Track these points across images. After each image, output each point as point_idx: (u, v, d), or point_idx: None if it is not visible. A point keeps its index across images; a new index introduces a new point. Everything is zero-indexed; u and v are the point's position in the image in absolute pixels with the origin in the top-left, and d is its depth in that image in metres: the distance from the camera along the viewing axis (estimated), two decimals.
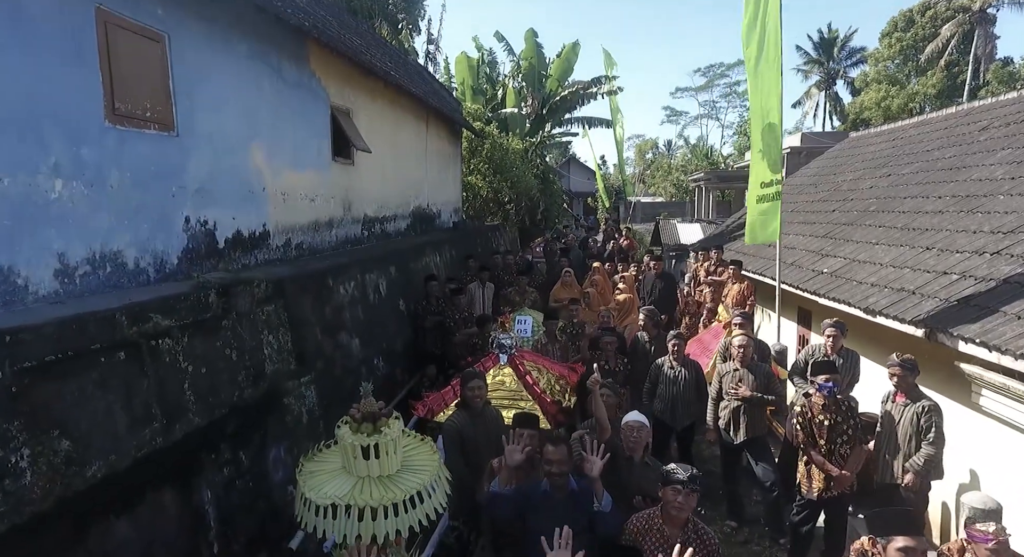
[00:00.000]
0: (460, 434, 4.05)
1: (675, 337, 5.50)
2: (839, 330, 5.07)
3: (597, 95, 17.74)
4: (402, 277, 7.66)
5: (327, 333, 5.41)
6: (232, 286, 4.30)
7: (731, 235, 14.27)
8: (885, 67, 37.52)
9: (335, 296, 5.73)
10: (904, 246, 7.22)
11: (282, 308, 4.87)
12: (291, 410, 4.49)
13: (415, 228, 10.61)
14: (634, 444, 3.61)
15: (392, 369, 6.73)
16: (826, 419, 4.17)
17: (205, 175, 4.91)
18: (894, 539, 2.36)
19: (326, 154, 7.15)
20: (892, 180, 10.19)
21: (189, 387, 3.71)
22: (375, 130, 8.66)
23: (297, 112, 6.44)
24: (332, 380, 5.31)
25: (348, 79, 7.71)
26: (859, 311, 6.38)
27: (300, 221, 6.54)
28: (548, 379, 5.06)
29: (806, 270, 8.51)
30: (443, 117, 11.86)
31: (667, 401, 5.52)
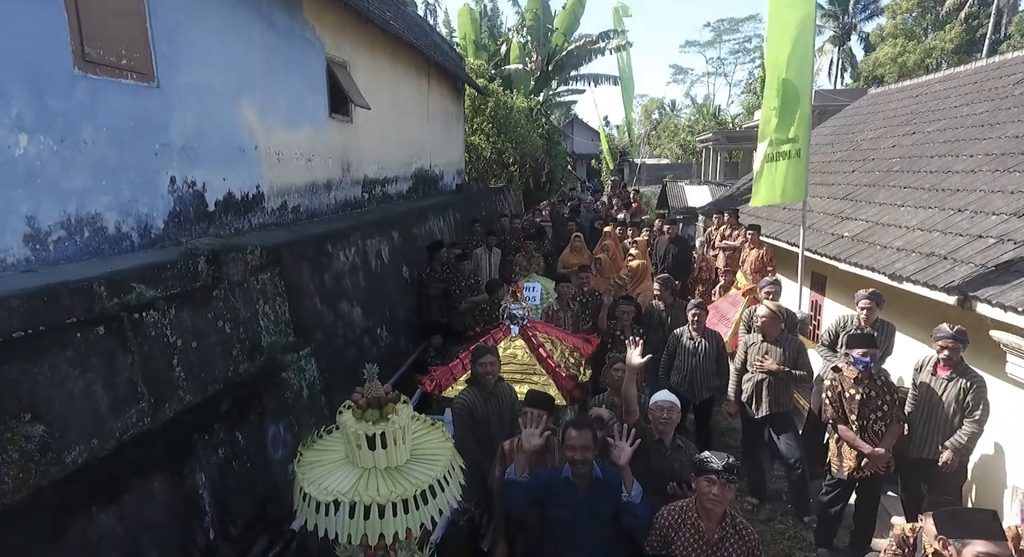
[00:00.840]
0: (471, 412, 3.79)
1: (696, 307, 5.19)
2: (875, 302, 4.75)
3: (606, 50, 16.95)
4: (405, 242, 7.31)
5: (327, 302, 5.11)
6: (223, 253, 3.97)
7: (742, 198, 13.83)
8: (903, 19, 36.06)
9: (335, 263, 5.40)
10: (933, 208, 6.84)
11: (278, 276, 4.55)
12: (290, 385, 4.23)
13: (417, 190, 10.19)
14: (664, 426, 3.33)
15: (396, 339, 6.46)
16: (858, 393, 3.90)
17: (191, 131, 4.51)
18: (971, 542, 2.10)
19: (322, 110, 6.71)
20: (917, 138, 9.71)
21: (179, 363, 3.43)
22: (374, 85, 8.17)
23: (290, 64, 5.97)
24: (333, 352, 5.04)
25: (344, 29, 7.18)
26: (884, 277, 6.06)
27: (296, 182, 6.16)
28: (562, 351, 4.78)
29: (825, 234, 8.15)
30: (445, 73, 11.28)
31: (685, 374, 5.25)
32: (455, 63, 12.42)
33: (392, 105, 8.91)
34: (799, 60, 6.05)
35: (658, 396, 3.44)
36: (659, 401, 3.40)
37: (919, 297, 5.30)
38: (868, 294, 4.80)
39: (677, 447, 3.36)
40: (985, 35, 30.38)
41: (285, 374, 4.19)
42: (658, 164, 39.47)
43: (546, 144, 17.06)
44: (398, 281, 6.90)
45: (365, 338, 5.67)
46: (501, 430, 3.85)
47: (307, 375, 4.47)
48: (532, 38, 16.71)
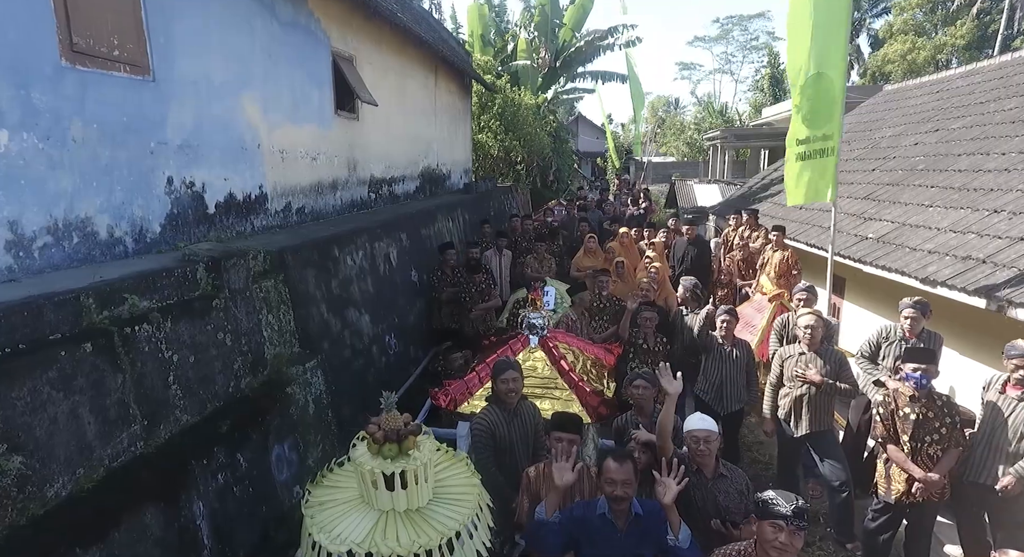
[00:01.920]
0: (492, 434, 3.50)
1: (726, 313, 4.89)
2: (920, 311, 4.43)
3: (614, 46, 16.60)
4: (413, 244, 7.02)
5: (334, 310, 4.82)
6: (224, 259, 3.69)
7: (755, 197, 13.49)
8: (912, 16, 35.55)
9: (342, 268, 5.12)
10: (966, 208, 6.52)
11: (283, 283, 4.26)
12: (295, 400, 3.94)
13: (424, 190, 9.90)
14: (702, 458, 3.01)
15: (406, 347, 6.17)
16: (913, 412, 3.59)
17: (190, 128, 4.23)
18: None
19: (328, 107, 6.42)
20: (941, 135, 9.37)
21: (175, 380, 3.14)
22: (381, 81, 7.87)
23: (294, 57, 5.68)
24: (341, 362, 4.75)
25: (351, 22, 6.89)
26: (916, 281, 5.76)
27: (301, 182, 5.87)
28: (584, 363, 4.48)
29: (847, 235, 7.84)
30: (453, 69, 10.97)
31: (714, 382, 4.95)
32: (463, 59, 12.11)
33: (399, 102, 8.61)
34: (833, 53, 5.74)
35: (692, 423, 3.10)
36: (694, 430, 3.06)
37: (950, 302, 5.02)
38: (913, 303, 4.49)
39: (720, 476, 3.04)
40: (997, 31, 29.89)
41: (290, 389, 3.91)
42: (664, 162, 39.11)
43: (554, 142, 16.74)
44: (407, 285, 6.61)
45: (374, 347, 5.38)
46: (525, 453, 3.56)
47: (313, 389, 4.18)
48: (540, 34, 16.38)
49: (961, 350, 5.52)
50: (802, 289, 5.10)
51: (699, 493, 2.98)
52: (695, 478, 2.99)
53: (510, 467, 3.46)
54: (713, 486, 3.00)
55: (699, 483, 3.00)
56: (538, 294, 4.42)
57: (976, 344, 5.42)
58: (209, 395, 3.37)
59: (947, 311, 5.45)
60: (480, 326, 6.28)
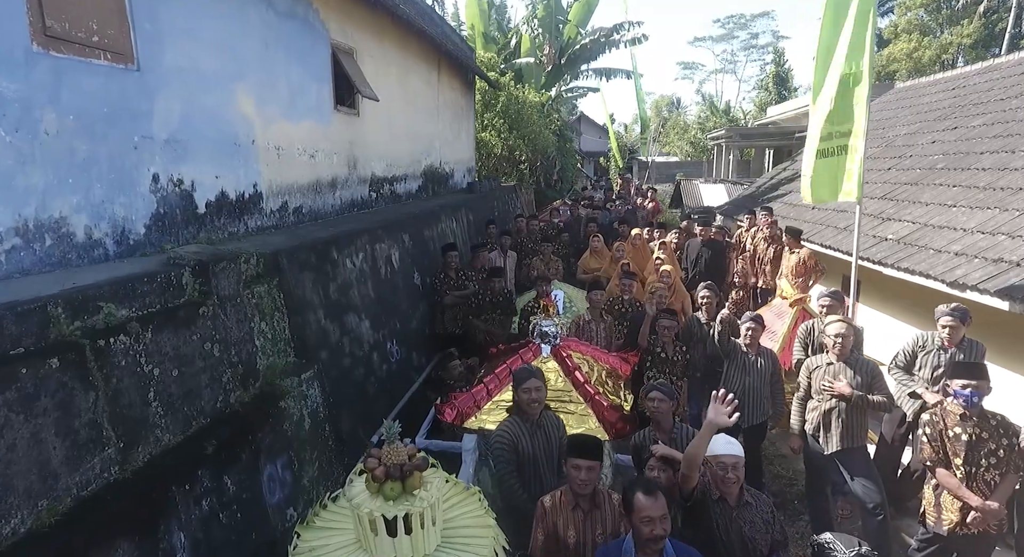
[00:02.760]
0: (515, 448, 3.22)
1: (751, 320, 4.59)
2: (959, 319, 4.12)
3: (620, 43, 16.29)
4: (416, 246, 6.72)
5: (332, 316, 4.53)
6: (213, 262, 3.40)
7: (764, 197, 13.19)
8: (916, 15, 35.21)
9: (341, 271, 4.83)
10: (993, 208, 6.23)
11: (277, 288, 3.97)
12: (289, 414, 3.65)
13: (427, 189, 9.61)
14: (728, 486, 2.71)
15: (408, 353, 5.87)
16: (965, 433, 3.29)
17: (177, 122, 3.94)
18: None
19: (327, 102, 6.13)
20: (960, 134, 9.07)
21: (156, 397, 2.85)
22: (382, 76, 7.58)
23: (291, 49, 5.39)
24: (339, 372, 4.46)
25: (351, 13, 6.60)
26: (942, 285, 5.48)
27: (298, 181, 5.58)
28: (599, 374, 4.19)
29: (865, 236, 7.55)
30: (456, 65, 10.68)
31: (736, 393, 4.63)
32: (466, 55, 11.82)
33: (401, 98, 8.32)
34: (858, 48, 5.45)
35: (718, 447, 2.79)
36: (720, 455, 2.75)
37: (981, 307, 4.74)
38: (951, 310, 4.18)
39: (745, 504, 2.75)
40: (1005, 29, 29.54)
41: (283, 402, 3.61)
42: (668, 162, 38.77)
43: (558, 141, 16.44)
44: (409, 289, 6.32)
45: (374, 355, 5.09)
46: (549, 468, 3.28)
47: (309, 402, 3.89)
48: (544, 30, 16.08)
49: (992, 359, 5.24)
50: (827, 295, 4.79)
51: (723, 523, 2.69)
52: (718, 507, 2.70)
53: (534, 483, 3.19)
54: (738, 515, 2.70)
55: (723, 512, 2.70)
56: (550, 300, 4.13)
57: (1008, 353, 5.13)
58: (194, 412, 3.08)
59: (976, 317, 5.19)
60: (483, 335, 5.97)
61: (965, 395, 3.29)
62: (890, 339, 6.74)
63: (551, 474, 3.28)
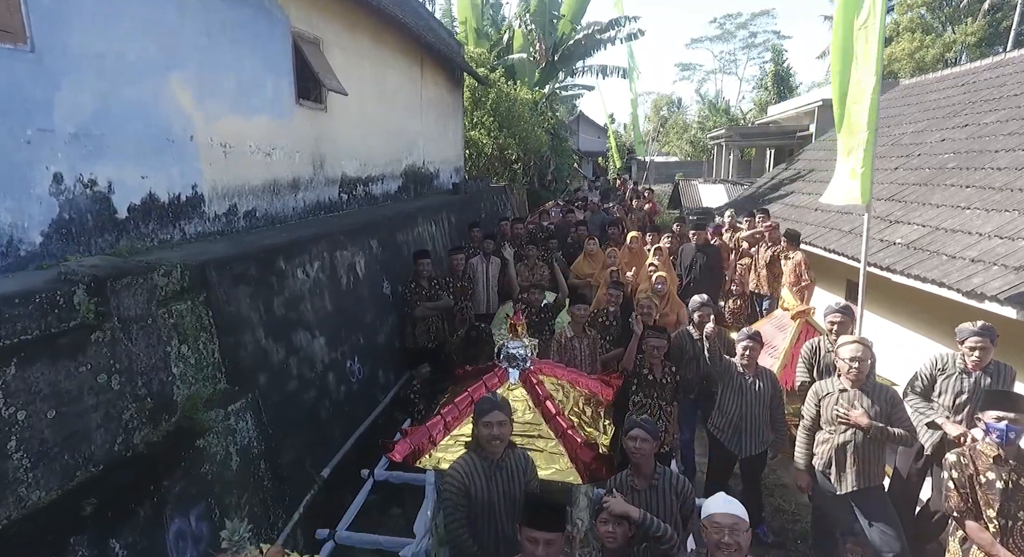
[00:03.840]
0: (467, 492, 2.72)
1: (748, 338, 4.07)
2: (989, 338, 3.60)
3: (616, 39, 15.78)
4: (387, 252, 6.20)
5: (276, 334, 4.01)
6: (114, 278, 2.88)
7: (763, 198, 12.69)
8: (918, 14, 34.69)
9: (290, 283, 4.31)
10: (1012, 211, 5.73)
11: (204, 305, 3.45)
12: (211, 454, 3.13)
13: (408, 190, 9.09)
14: (726, 553, 2.19)
15: (373, 371, 5.35)
16: (999, 479, 2.78)
17: (89, 114, 3.42)
18: None
19: (287, 95, 5.61)
20: (972, 131, 8.55)
21: (19, 447, 2.34)
22: (354, 69, 7.07)
23: (242, 37, 4.88)
24: (283, 398, 3.94)
25: (316, 1, 6.09)
26: (958, 294, 5.00)
27: (251, 181, 5.07)
28: (575, 401, 3.67)
29: (872, 239, 7.04)
30: (442, 60, 10.16)
31: (731, 419, 4.15)
32: (453, 50, 11.30)
33: (377, 93, 7.80)
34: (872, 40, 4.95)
35: (715, 505, 2.29)
36: (715, 515, 2.24)
37: (1000, 320, 4.25)
38: (980, 329, 3.66)
39: None
40: (1009, 27, 28.99)
41: (203, 440, 3.09)
42: (667, 162, 38.26)
43: (552, 140, 15.93)
44: (377, 299, 5.80)
45: (330, 375, 4.57)
46: (510, 516, 2.77)
47: (239, 437, 3.37)
48: (537, 26, 15.56)
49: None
50: (837, 310, 4.26)
51: None
52: None
53: (488, 534, 2.70)
54: None
55: None
56: (518, 318, 3.60)
57: None
58: (79, 460, 2.57)
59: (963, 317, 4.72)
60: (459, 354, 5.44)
61: (1000, 430, 2.78)
62: (898, 349, 6.27)
63: (511, 524, 2.77)
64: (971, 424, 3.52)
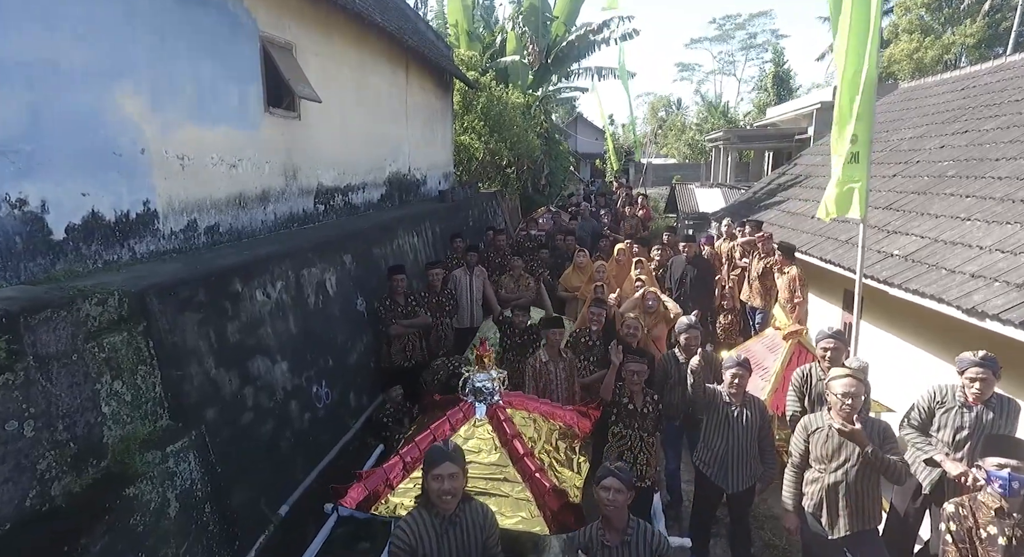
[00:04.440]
0: (413, 553, 2.46)
1: (737, 366, 3.78)
2: (991, 370, 3.34)
3: (610, 40, 15.51)
4: (362, 267, 5.93)
5: (229, 363, 3.74)
6: (29, 311, 2.61)
7: (759, 203, 12.43)
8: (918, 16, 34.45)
9: (247, 306, 4.03)
10: (1014, 223, 5.49)
11: (144, 336, 3.18)
12: (143, 503, 2.86)
13: (392, 198, 8.82)
14: None
15: (344, 394, 5.08)
16: (1002, 534, 2.52)
17: (16, 127, 3.15)
18: None
19: (254, 103, 5.34)
20: (972, 138, 8.29)
21: None
22: (332, 75, 6.80)
23: (201, 42, 4.61)
24: (235, 433, 3.67)
25: (289, 4, 5.82)
26: (958, 311, 4.75)
27: (213, 195, 4.80)
28: (548, 436, 3.41)
29: (869, 251, 6.80)
30: (429, 63, 9.89)
31: (718, 453, 3.88)
32: (441, 53, 11.03)
33: (357, 99, 7.53)
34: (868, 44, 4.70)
35: None
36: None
37: (1002, 340, 3.97)
38: (980, 359, 3.39)
39: None
40: (1009, 29, 28.75)
41: (134, 487, 2.82)
42: (665, 164, 37.97)
43: (545, 144, 15.65)
44: (350, 317, 5.52)
45: (292, 403, 4.29)
46: None
47: (179, 480, 3.10)
48: (529, 28, 15.29)
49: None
50: (829, 336, 3.98)
51: None
52: None
53: None
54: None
55: None
56: (484, 348, 3.33)
57: None
58: None
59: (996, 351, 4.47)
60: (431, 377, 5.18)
61: (1003, 479, 2.52)
62: (897, 362, 5.99)
63: None
64: (972, 462, 3.26)
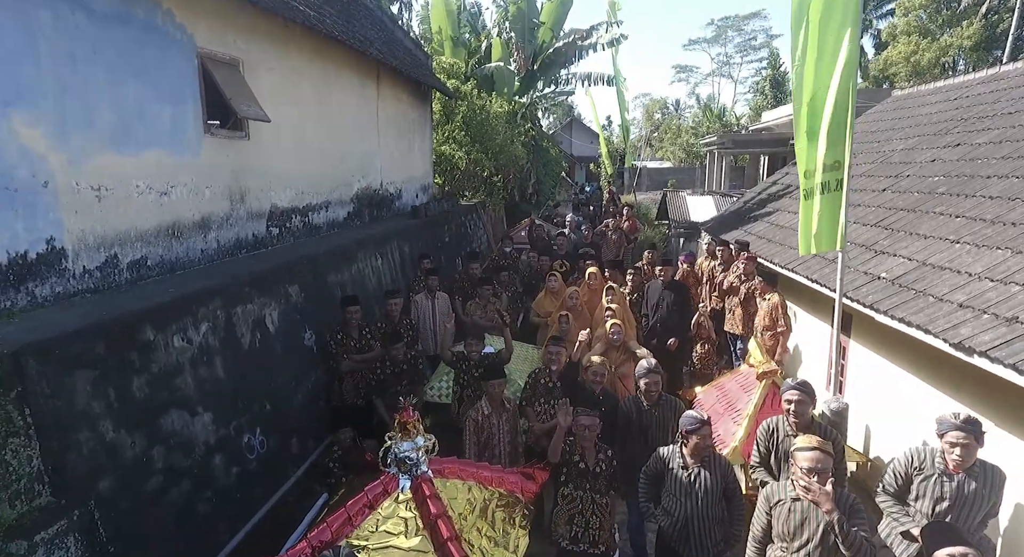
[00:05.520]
0: None
1: (694, 421, 3.41)
2: (973, 435, 2.99)
3: (597, 45, 15.12)
4: (312, 298, 5.55)
5: (132, 424, 3.36)
6: None
7: (751, 214, 12.07)
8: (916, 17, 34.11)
9: (161, 356, 3.66)
10: (1004, 249, 5.15)
11: (17, 402, 2.81)
12: None
13: (361, 215, 8.45)
14: None
15: (284, 440, 4.69)
16: None
17: None
18: None
19: (192, 125, 4.98)
20: (964, 152, 7.94)
21: None
22: (288, 90, 6.44)
23: (125, 63, 4.25)
24: (136, 504, 3.29)
25: (235, 17, 5.45)
26: (944, 344, 4.43)
27: (140, 226, 4.43)
28: (482, 509, 3.04)
29: (855, 271, 6.48)
30: (402, 74, 9.52)
31: (678, 519, 3.51)
32: (418, 62, 10.66)
33: (319, 113, 7.17)
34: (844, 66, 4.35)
35: None
36: None
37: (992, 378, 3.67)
38: (961, 423, 3.04)
39: None
40: (1007, 31, 28.40)
41: None
42: (660, 168, 37.63)
43: (532, 152, 15.27)
44: (296, 354, 5.15)
45: (216, 458, 3.92)
46: None
47: None
48: (516, 33, 14.92)
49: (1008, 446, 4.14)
50: (793, 388, 3.57)
51: None
52: None
53: None
54: None
55: None
56: (408, 414, 2.96)
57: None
58: None
59: (984, 387, 4.14)
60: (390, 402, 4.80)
61: None
62: (885, 385, 5.69)
63: None
64: None
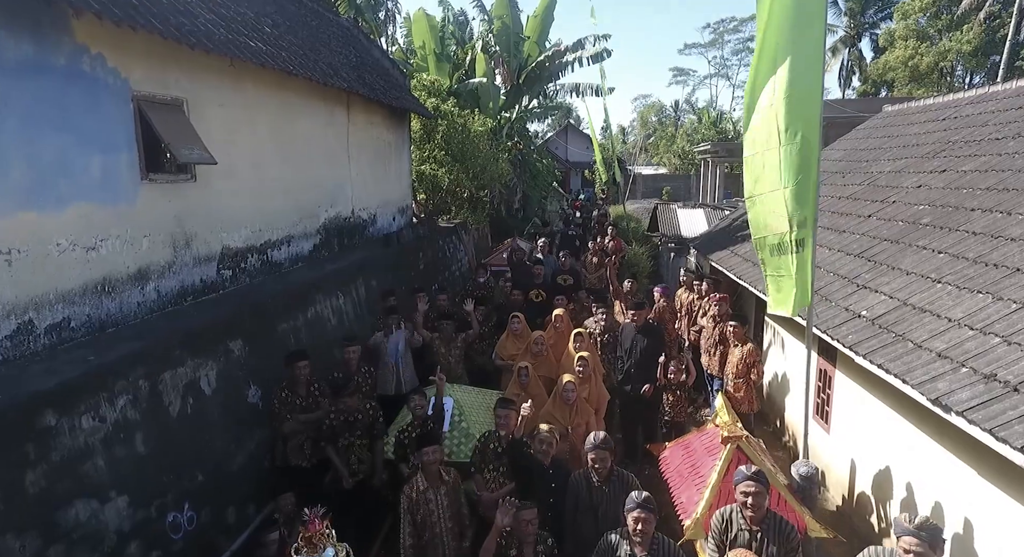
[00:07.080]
0: None
1: (639, 506, 3.13)
2: (928, 543, 2.74)
3: (583, 59, 14.87)
4: (257, 351, 5.27)
5: (23, 524, 3.09)
6: None
7: (736, 233, 11.78)
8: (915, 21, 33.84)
9: (64, 442, 3.39)
10: (984, 293, 4.92)
11: None
12: None
13: (329, 246, 8.19)
14: None
15: (219, 512, 4.42)
16: None
17: None
18: None
19: (126, 173, 4.72)
20: (949, 179, 7.68)
21: None
22: (242, 126, 6.19)
23: (42, 112, 3.99)
24: None
25: (176, 56, 5.19)
26: (920, 396, 4.23)
27: (61, 286, 4.16)
28: None
29: (836, 306, 6.27)
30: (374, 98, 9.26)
31: None
32: (393, 83, 10.40)
33: (279, 146, 6.91)
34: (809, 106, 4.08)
35: None
36: None
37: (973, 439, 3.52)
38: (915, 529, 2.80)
39: None
40: (1005, 36, 28.11)
41: None
42: (655, 175, 37.31)
43: (518, 167, 15.02)
44: (236, 416, 4.87)
45: (132, 545, 3.65)
46: None
47: None
48: (500, 48, 14.68)
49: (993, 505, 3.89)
50: (748, 478, 3.30)
51: None
52: None
53: None
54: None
55: None
56: (315, 527, 2.69)
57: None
58: None
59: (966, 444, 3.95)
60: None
61: None
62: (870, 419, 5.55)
63: None
64: None
